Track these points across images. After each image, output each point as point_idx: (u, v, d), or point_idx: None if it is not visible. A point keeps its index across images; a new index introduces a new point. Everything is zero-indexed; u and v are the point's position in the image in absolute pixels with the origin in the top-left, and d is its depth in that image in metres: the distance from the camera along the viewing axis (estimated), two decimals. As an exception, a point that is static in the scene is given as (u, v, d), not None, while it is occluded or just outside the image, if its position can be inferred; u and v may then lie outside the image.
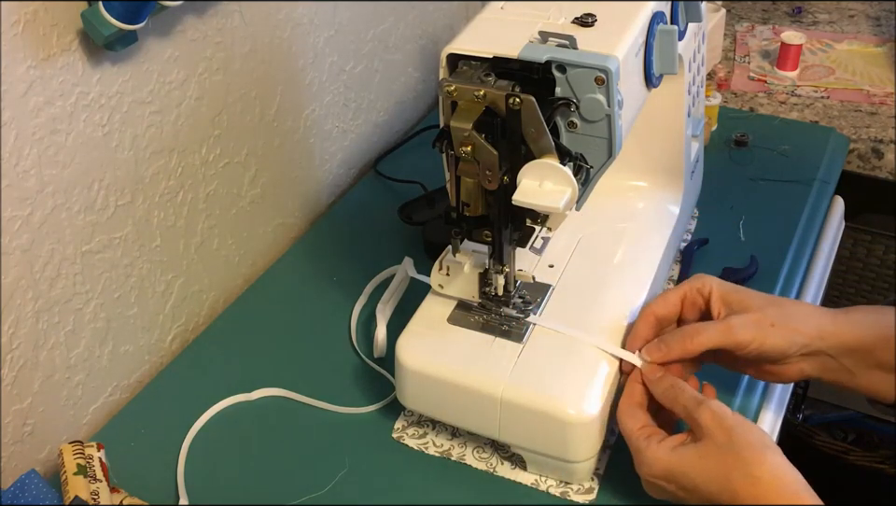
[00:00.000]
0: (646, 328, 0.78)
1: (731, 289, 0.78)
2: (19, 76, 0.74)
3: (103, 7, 0.75)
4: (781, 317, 0.74)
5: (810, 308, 0.78)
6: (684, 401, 0.70)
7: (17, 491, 0.74)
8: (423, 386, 0.80)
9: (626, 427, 0.72)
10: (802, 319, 0.75)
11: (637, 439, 0.71)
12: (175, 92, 0.90)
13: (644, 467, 0.70)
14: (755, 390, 0.88)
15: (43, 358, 0.84)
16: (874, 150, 1.24)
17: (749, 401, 0.87)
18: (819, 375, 0.77)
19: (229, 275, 1.06)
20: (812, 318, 0.75)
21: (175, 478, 0.83)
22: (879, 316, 0.76)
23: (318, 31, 1.09)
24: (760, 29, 1.50)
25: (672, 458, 0.68)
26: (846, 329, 0.75)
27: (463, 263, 0.81)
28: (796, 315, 0.75)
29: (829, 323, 0.75)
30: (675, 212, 0.96)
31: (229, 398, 0.90)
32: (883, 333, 0.74)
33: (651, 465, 0.69)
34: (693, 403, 0.69)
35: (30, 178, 0.78)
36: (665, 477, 0.69)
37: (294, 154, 1.12)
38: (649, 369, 0.75)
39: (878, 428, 1.44)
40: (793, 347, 0.74)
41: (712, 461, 0.66)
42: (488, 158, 0.70)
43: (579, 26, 0.74)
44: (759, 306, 0.75)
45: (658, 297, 0.80)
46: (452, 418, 0.82)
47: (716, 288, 0.77)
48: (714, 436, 0.67)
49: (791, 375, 0.77)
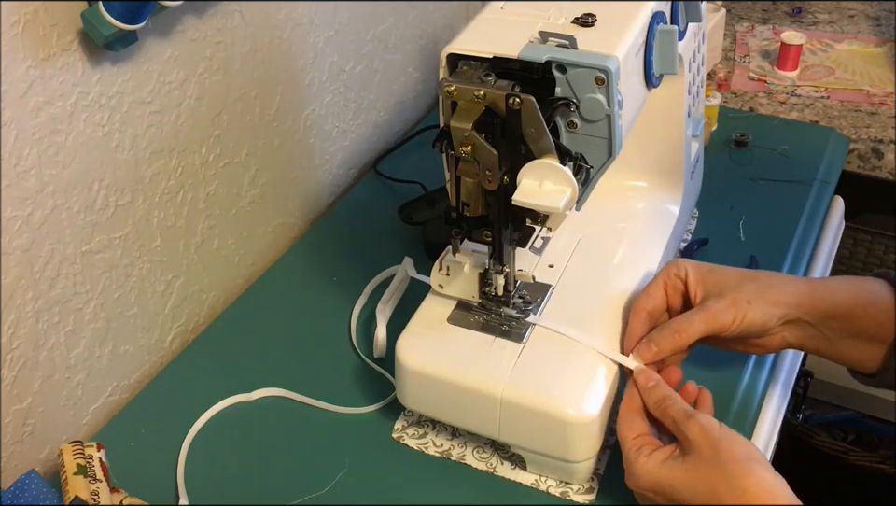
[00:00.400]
0: (639, 326, 0.78)
1: (706, 270, 0.79)
2: (19, 76, 0.74)
3: (103, 6, 0.75)
4: (757, 291, 0.76)
5: (787, 278, 0.79)
6: (673, 414, 0.71)
7: (17, 491, 0.74)
8: (423, 386, 0.80)
9: (622, 435, 0.73)
10: (780, 290, 0.76)
11: (629, 450, 0.71)
12: (175, 92, 0.90)
13: (633, 479, 0.70)
14: (755, 390, 0.88)
15: (43, 358, 0.84)
16: (874, 150, 1.24)
17: (749, 402, 0.87)
18: (800, 344, 0.78)
19: (229, 275, 1.07)
20: (790, 288, 0.77)
21: (175, 478, 0.83)
22: (858, 284, 0.77)
23: (318, 31, 1.09)
24: (760, 29, 1.50)
25: (661, 472, 0.68)
26: (824, 296, 0.76)
27: (463, 263, 0.81)
28: (773, 286, 0.77)
29: (807, 291, 0.76)
30: (675, 212, 0.96)
31: (229, 398, 0.90)
32: (862, 300, 0.75)
33: (640, 477, 0.69)
34: (683, 416, 0.70)
35: (30, 178, 0.78)
36: (652, 490, 0.69)
37: (294, 154, 1.12)
38: (642, 377, 0.75)
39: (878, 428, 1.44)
40: (773, 319, 0.76)
41: (699, 476, 0.66)
42: (488, 158, 0.70)
43: (579, 26, 0.74)
44: (735, 284, 0.77)
45: (642, 293, 0.80)
46: (452, 418, 0.82)
47: (691, 271, 0.78)
48: (701, 450, 0.67)
49: (774, 345, 0.79)
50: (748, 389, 0.87)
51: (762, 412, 0.87)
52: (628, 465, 0.71)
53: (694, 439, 0.67)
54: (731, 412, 0.85)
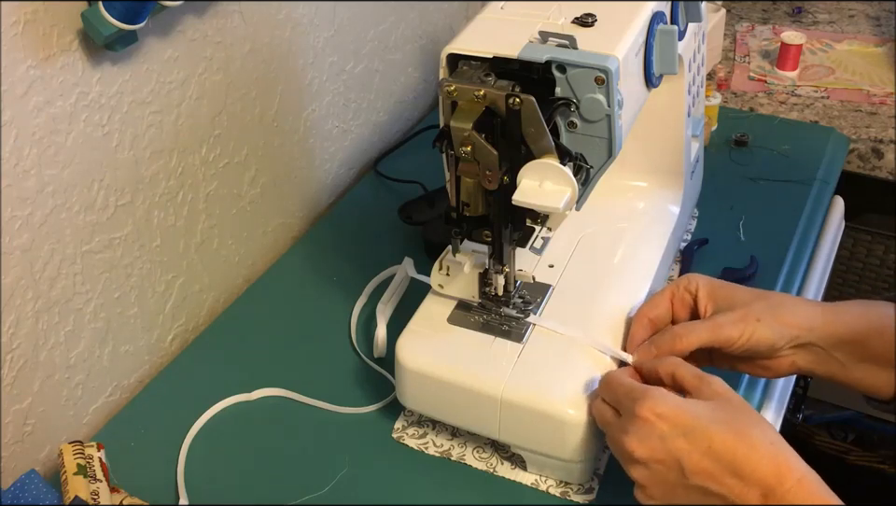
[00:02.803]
0: (641, 330, 0.78)
1: (717, 286, 0.78)
2: (19, 76, 0.74)
3: (103, 6, 0.75)
4: (768, 310, 0.74)
5: (800, 301, 0.77)
6: (692, 372, 0.69)
7: (17, 491, 0.74)
8: (423, 386, 0.80)
9: (619, 379, 0.70)
10: (790, 312, 0.75)
11: (635, 387, 0.68)
12: (175, 92, 0.90)
13: (646, 407, 0.65)
14: (755, 390, 0.88)
15: (43, 358, 0.84)
16: (874, 150, 1.24)
17: (749, 401, 0.86)
18: (811, 368, 0.76)
19: (229, 275, 1.07)
20: (801, 310, 0.75)
21: (175, 478, 0.83)
22: (871, 309, 0.75)
23: (318, 31, 1.09)
24: (760, 29, 1.50)
25: (683, 403, 0.66)
26: (836, 320, 0.74)
27: (463, 263, 0.81)
28: (784, 307, 0.75)
29: (819, 315, 0.75)
30: (675, 212, 0.96)
31: (229, 398, 0.90)
32: (875, 325, 0.73)
33: (660, 403, 0.65)
34: (702, 373, 0.69)
35: (30, 178, 0.78)
36: (673, 420, 0.64)
37: (294, 154, 1.12)
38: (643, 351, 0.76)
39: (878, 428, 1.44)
40: (782, 340, 0.74)
41: (727, 414, 0.64)
42: (488, 158, 0.70)
43: (579, 26, 0.74)
44: (746, 302, 0.75)
45: (649, 300, 0.80)
46: (452, 418, 0.82)
47: (702, 285, 0.78)
48: (731, 399, 0.66)
49: (783, 369, 0.77)
50: (748, 389, 0.87)
51: (762, 412, 0.87)
52: (643, 399, 0.66)
53: (722, 391, 0.66)
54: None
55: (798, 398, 1.15)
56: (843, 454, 1.31)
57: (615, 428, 0.69)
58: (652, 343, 0.76)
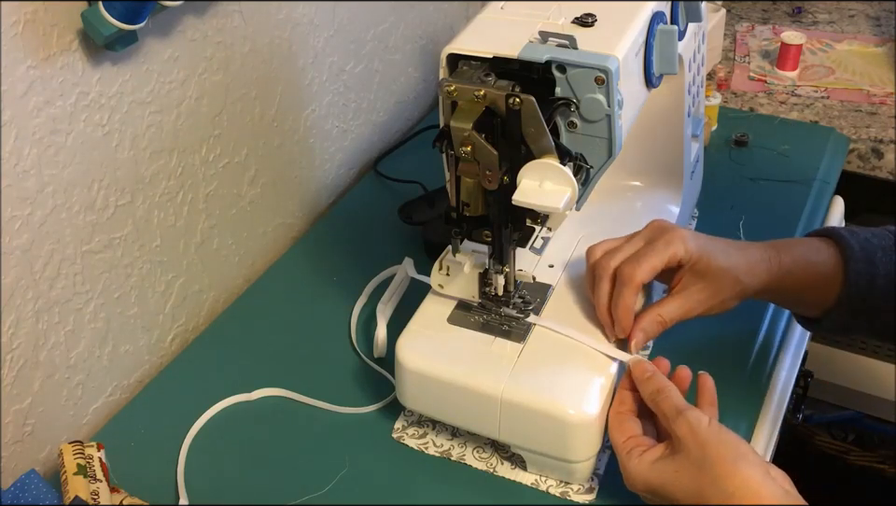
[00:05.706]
0: (633, 297, 0.78)
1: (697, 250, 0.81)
2: (19, 76, 0.74)
3: (103, 6, 0.75)
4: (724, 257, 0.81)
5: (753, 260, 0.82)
6: (665, 410, 0.71)
7: (17, 491, 0.74)
8: (423, 386, 0.80)
9: (613, 439, 0.74)
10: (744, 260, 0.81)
11: (621, 453, 0.72)
12: (175, 92, 0.90)
13: (628, 481, 0.72)
14: (755, 390, 0.88)
15: (43, 358, 0.84)
16: (874, 150, 1.24)
17: (749, 401, 0.87)
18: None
19: (229, 275, 1.07)
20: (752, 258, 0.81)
21: (175, 478, 0.83)
22: (808, 253, 0.81)
23: (318, 31, 1.09)
24: (760, 29, 1.50)
25: (651, 473, 0.69)
26: (781, 273, 0.80)
27: (463, 263, 0.81)
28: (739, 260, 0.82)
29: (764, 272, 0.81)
30: (675, 212, 0.96)
31: (229, 398, 0.90)
32: (812, 274, 0.80)
33: (634, 479, 0.70)
34: (673, 413, 0.70)
35: (30, 178, 0.78)
36: (646, 490, 0.70)
37: (294, 154, 1.12)
38: (638, 368, 0.75)
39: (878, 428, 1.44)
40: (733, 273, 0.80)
41: (687, 476, 0.67)
42: (488, 158, 0.70)
43: (579, 26, 0.74)
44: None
45: (643, 266, 0.78)
46: (452, 418, 0.82)
47: (685, 255, 0.80)
48: (689, 450, 0.67)
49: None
50: (748, 389, 0.87)
51: (762, 412, 0.87)
52: (623, 469, 0.72)
53: (683, 437, 0.68)
54: (731, 411, 0.85)
55: (798, 398, 1.15)
56: (843, 454, 1.31)
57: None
58: (643, 331, 0.78)
